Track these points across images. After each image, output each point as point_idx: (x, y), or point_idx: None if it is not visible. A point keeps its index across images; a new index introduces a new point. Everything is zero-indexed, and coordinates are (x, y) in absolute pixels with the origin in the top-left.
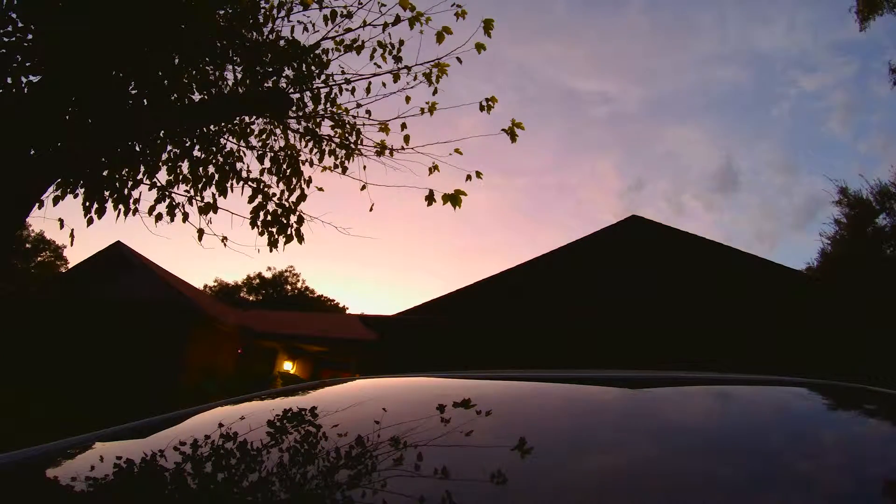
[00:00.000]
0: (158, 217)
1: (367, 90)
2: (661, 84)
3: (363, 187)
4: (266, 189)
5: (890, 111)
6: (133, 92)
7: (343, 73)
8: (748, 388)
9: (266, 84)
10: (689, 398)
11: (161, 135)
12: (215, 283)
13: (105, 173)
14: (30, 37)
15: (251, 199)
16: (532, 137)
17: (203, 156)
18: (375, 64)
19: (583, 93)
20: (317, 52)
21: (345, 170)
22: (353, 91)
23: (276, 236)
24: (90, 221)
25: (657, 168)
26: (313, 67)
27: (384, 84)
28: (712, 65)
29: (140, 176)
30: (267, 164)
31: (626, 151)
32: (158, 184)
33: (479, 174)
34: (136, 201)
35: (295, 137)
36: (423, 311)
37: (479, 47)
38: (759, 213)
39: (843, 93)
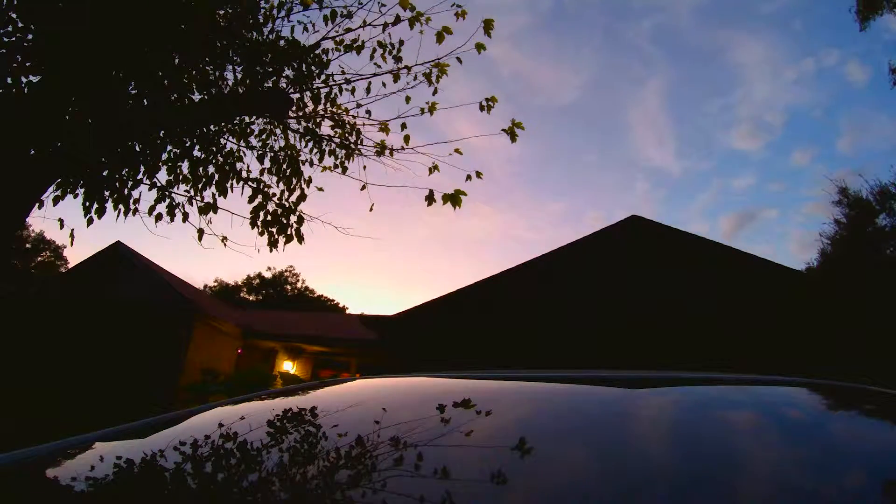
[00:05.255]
0: (158, 217)
1: (367, 90)
2: None
3: (363, 187)
4: (266, 189)
5: None
6: (133, 92)
7: (343, 73)
8: (748, 388)
9: (266, 84)
10: (689, 398)
11: (161, 135)
12: (215, 283)
13: (105, 173)
14: (30, 37)
15: (251, 199)
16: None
17: (203, 156)
18: (375, 64)
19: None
20: (317, 52)
21: (345, 170)
22: (353, 91)
23: (276, 236)
24: (90, 221)
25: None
26: (313, 67)
27: (384, 84)
28: None
29: (140, 176)
30: (267, 164)
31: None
32: (158, 184)
33: (479, 174)
34: (136, 201)
35: (295, 137)
36: (423, 311)
37: (480, 47)
38: None
39: None
